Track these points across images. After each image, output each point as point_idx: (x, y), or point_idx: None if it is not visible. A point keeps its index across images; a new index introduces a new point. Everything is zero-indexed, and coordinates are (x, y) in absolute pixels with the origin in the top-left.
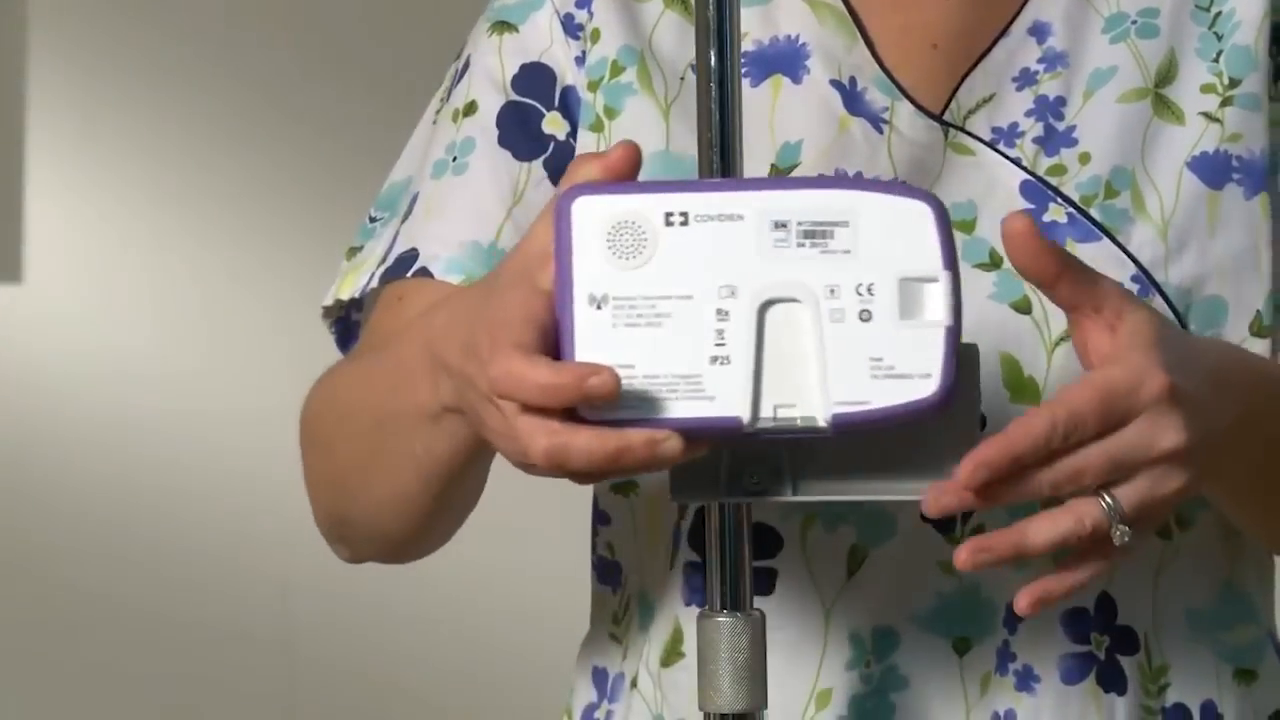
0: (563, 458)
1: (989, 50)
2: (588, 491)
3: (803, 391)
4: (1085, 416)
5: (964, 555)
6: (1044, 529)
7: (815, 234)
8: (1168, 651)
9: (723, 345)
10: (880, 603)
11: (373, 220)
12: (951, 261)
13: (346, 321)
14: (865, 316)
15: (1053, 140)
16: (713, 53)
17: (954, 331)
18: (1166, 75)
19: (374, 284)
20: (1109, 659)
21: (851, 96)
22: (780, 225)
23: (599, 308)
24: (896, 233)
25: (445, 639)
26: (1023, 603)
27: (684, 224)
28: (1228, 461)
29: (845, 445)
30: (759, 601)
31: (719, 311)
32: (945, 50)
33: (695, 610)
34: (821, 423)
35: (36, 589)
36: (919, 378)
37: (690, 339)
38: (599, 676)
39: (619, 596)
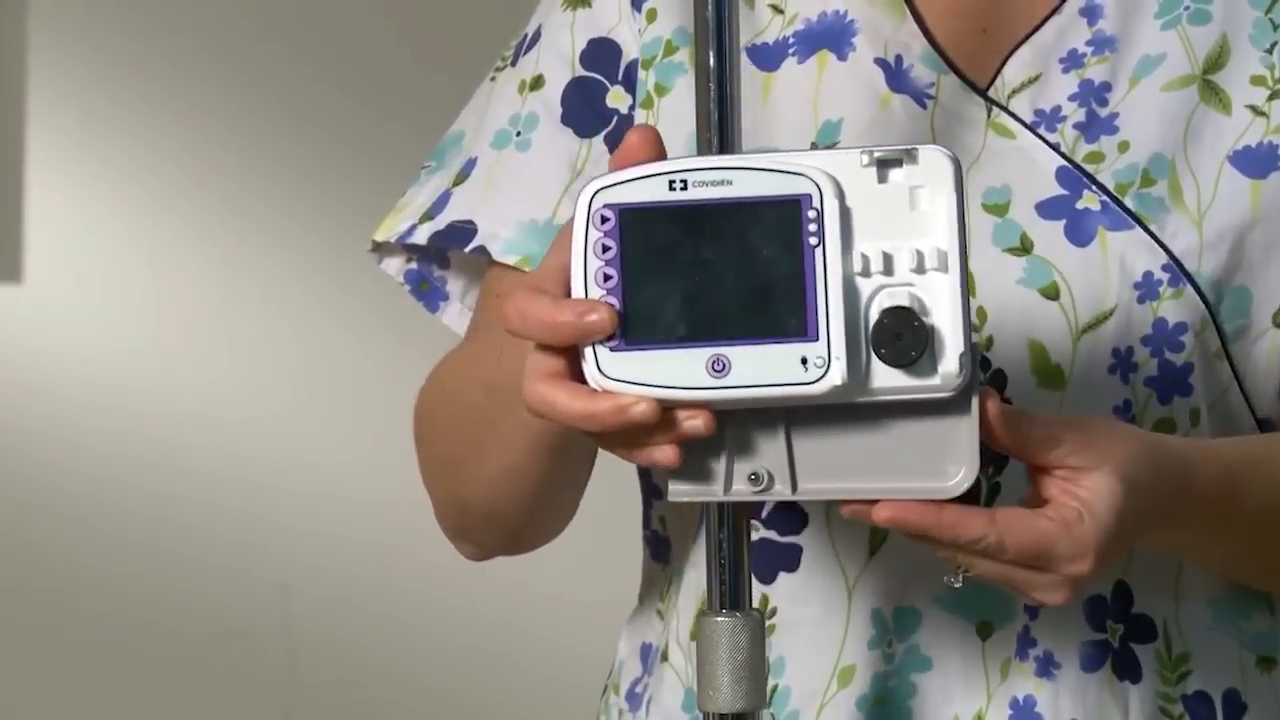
0: (543, 409)
1: (1040, 26)
2: (594, 488)
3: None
4: (1009, 553)
5: (884, 513)
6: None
7: None
8: (1190, 639)
9: None
10: (902, 582)
11: (424, 168)
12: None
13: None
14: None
15: (1094, 127)
16: (711, 53)
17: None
18: (1217, 61)
19: (418, 239)
20: (1123, 647)
21: (895, 74)
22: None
23: None
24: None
25: (445, 638)
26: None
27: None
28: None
29: (846, 442)
30: (785, 577)
31: None
32: (994, 34)
33: None
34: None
35: (36, 589)
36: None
37: None
38: (645, 650)
39: (666, 572)
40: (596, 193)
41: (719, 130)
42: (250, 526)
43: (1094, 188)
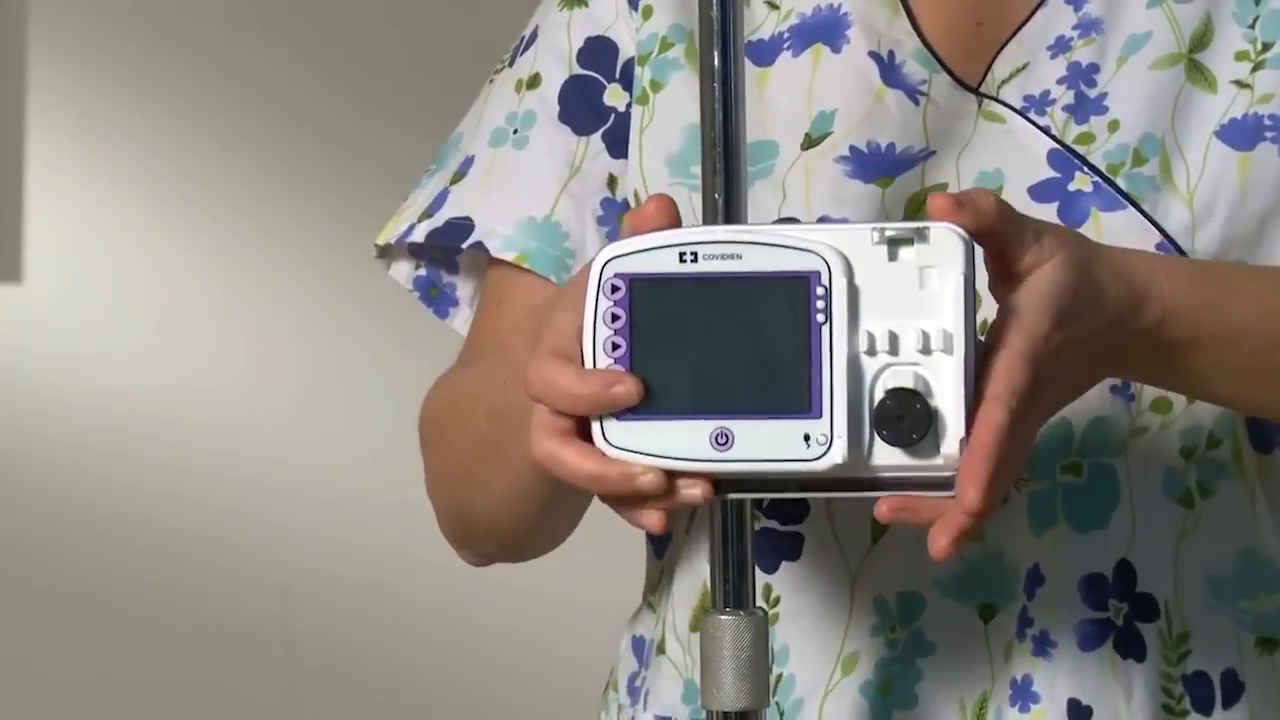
0: (552, 466)
1: (1027, 20)
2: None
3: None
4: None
5: (884, 510)
6: None
7: None
8: (1189, 619)
9: None
10: (904, 568)
11: (426, 172)
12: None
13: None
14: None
15: (1083, 108)
16: (716, 53)
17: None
18: (1202, 40)
19: (416, 238)
20: (1127, 626)
21: (889, 68)
22: None
23: None
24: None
25: (445, 640)
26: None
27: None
28: (1148, 366)
29: None
30: (787, 566)
31: None
32: (989, 27)
33: None
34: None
35: (35, 590)
36: None
37: None
38: (637, 644)
39: (660, 565)
40: (608, 261)
41: (723, 130)
42: (251, 529)
43: (1086, 169)
